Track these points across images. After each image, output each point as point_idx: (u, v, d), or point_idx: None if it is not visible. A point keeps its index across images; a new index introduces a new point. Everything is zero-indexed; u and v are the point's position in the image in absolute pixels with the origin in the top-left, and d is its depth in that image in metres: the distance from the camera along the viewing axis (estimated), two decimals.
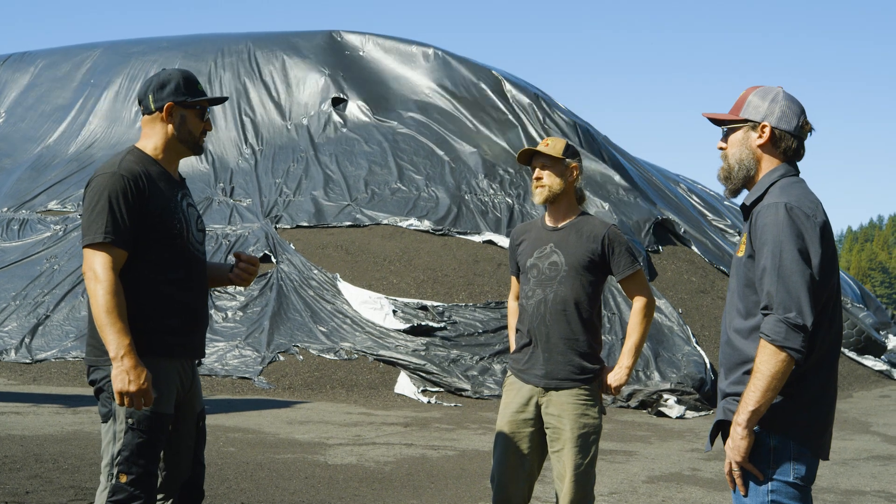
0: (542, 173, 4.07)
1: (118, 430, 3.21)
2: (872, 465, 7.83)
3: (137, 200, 3.24)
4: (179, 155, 3.49)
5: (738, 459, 2.78)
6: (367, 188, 15.41)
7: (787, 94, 3.00)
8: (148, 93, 3.42)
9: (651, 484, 6.81)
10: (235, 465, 6.84)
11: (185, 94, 3.40)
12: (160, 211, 3.30)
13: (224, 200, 15.51)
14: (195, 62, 18.30)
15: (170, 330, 3.32)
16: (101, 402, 3.29)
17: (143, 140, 3.45)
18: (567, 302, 3.96)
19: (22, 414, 8.78)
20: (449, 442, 8.34)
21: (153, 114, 3.41)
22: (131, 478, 3.18)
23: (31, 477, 6.09)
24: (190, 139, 3.44)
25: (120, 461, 3.18)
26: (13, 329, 12.69)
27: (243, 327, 12.22)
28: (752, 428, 2.75)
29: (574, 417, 3.90)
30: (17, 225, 15.73)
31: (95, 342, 3.28)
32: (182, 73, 3.45)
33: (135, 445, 3.19)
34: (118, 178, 3.24)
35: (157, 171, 3.38)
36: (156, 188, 3.32)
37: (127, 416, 3.19)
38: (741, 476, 2.81)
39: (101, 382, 3.26)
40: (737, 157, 3.00)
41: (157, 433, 3.24)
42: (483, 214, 14.77)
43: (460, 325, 12.08)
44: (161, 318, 3.30)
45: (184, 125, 3.41)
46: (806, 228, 2.76)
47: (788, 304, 2.70)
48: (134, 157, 3.36)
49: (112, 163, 3.32)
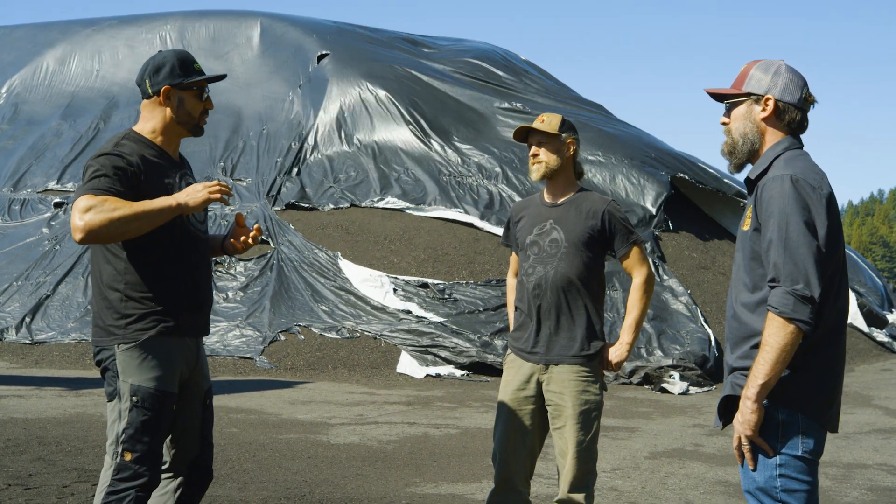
0: (539, 150, 4.05)
1: (123, 409, 3.23)
2: (874, 439, 7.84)
3: (131, 181, 3.24)
4: (179, 136, 3.49)
5: (749, 433, 2.76)
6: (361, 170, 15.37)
7: (788, 67, 2.97)
8: (144, 77, 3.42)
9: (653, 460, 6.82)
10: (238, 446, 6.86)
11: (181, 76, 3.38)
12: (157, 192, 3.29)
13: (224, 180, 15.47)
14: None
15: (174, 309, 3.33)
16: (106, 382, 3.32)
17: (142, 123, 3.44)
18: (567, 278, 3.94)
19: (24, 397, 8.80)
20: (451, 420, 8.35)
21: (151, 98, 3.41)
22: (136, 455, 3.21)
23: (34, 460, 6.10)
24: (189, 121, 3.43)
25: (125, 439, 3.21)
26: (14, 310, 12.71)
27: (244, 307, 12.23)
28: (762, 402, 2.73)
29: (575, 394, 3.89)
30: (18, 205, 15.72)
31: (101, 322, 3.31)
32: (177, 55, 3.43)
33: (139, 423, 3.21)
34: (112, 157, 3.24)
35: (153, 153, 3.37)
36: (151, 172, 3.32)
37: (131, 393, 3.22)
38: (750, 450, 2.80)
39: (107, 362, 3.29)
40: (741, 132, 2.98)
41: (161, 411, 3.27)
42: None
43: (461, 303, 12.08)
44: (165, 297, 3.31)
45: (182, 107, 3.41)
46: (812, 200, 2.74)
47: (796, 276, 2.69)
48: (131, 140, 3.35)
49: (107, 145, 3.32)
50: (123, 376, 3.24)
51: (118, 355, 3.25)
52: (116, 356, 3.25)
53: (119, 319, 3.26)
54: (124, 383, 3.23)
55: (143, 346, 3.26)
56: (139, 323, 3.26)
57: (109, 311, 3.28)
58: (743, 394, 2.76)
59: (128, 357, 3.25)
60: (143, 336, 3.26)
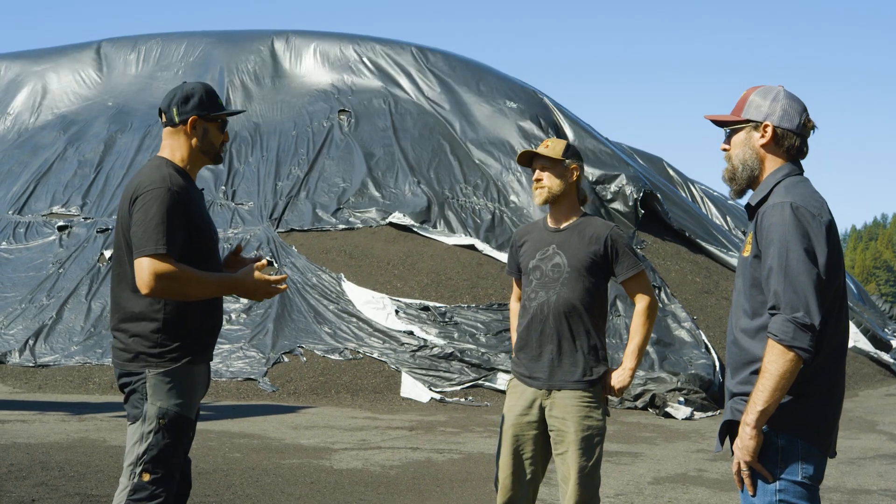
0: (542, 175, 4.09)
1: (146, 431, 3.29)
2: (878, 464, 7.81)
3: (185, 214, 3.35)
4: (201, 165, 3.61)
5: (748, 459, 2.77)
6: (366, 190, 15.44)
7: (787, 93, 2.99)
8: (172, 105, 3.50)
9: (657, 485, 6.80)
10: (241, 471, 6.84)
11: (207, 108, 3.50)
12: (201, 223, 3.43)
13: (226, 204, 15.53)
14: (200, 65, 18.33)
15: (204, 337, 3.47)
16: (131, 404, 3.37)
17: (170, 151, 3.52)
18: (570, 304, 3.96)
19: (28, 422, 8.79)
20: (454, 445, 8.33)
21: (177, 126, 3.50)
22: (154, 477, 3.27)
23: (37, 485, 6.09)
24: (211, 150, 3.56)
25: (146, 460, 3.27)
26: (18, 333, 12.72)
27: (247, 329, 12.24)
28: (761, 427, 2.75)
29: (578, 420, 3.89)
30: (23, 229, 15.76)
31: (124, 346, 3.37)
32: (204, 87, 3.56)
33: (163, 446, 3.29)
34: (172, 193, 3.32)
35: (188, 183, 3.47)
36: (196, 201, 3.45)
37: (159, 416, 3.29)
38: (750, 476, 2.80)
39: (136, 384, 3.35)
40: (740, 158, 3.00)
41: (183, 436, 3.36)
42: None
43: (462, 327, 12.07)
44: (197, 327, 3.43)
45: (206, 137, 3.53)
46: (812, 228, 2.76)
47: (796, 304, 2.70)
48: (174, 171, 3.44)
49: (161, 176, 3.37)
50: (153, 399, 3.30)
51: (149, 378, 3.31)
52: (147, 379, 3.31)
53: (153, 348, 3.34)
54: (153, 406, 3.29)
55: (174, 371, 3.34)
56: (174, 352, 3.35)
57: (142, 338, 3.34)
58: (742, 419, 2.77)
59: (159, 381, 3.31)
60: (176, 364, 3.34)
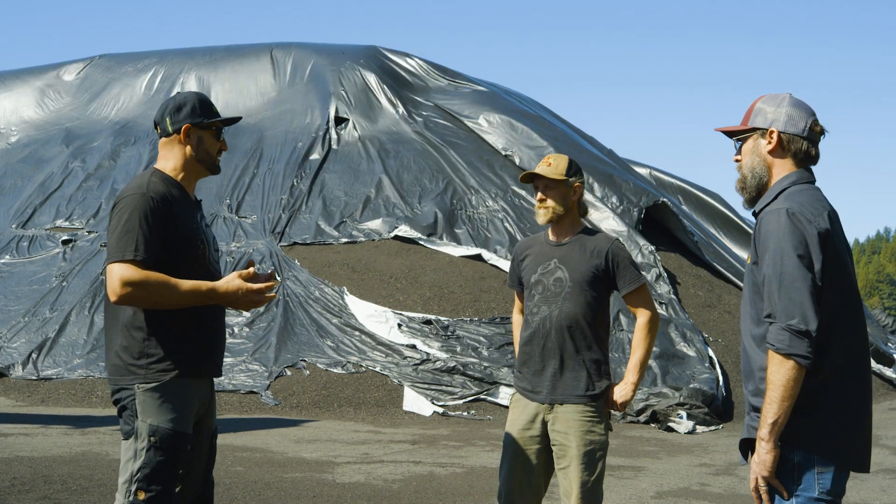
0: (546, 195, 4.05)
1: (139, 448, 3.24)
2: (882, 479, 7.79)
3: (164, 222, 3.29)
4: (198, 175, 3.56)
5: (765, 474, 2.76)
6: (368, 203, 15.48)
7: (794, 99, 2.99)
8: (165, 116, 3.48)
9: (660, 499, 6.79)
10: (243, 485, 6.84)
11: (201, 116, 3.47)
12: (186, 232, 3.36)
13: (230, 217, 15.56)
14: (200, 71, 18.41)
15: (194, 350, 3.37)
16: (123, 420, 3.33)
17: (162, 161, 3.50)
18: (572, 318, 3.96)
19: (30, 435, 8.80)
20: (457, 459, 8.32)
21: (171, 136, 3.48)
22: (149, 496, 3.21)
23: (39, 499, 6.10)
24: (207, 159, 3.52)
25: (140, 478, 3.21)
26: (21, 346, 12.73)
27: (250, 343, 12.24)
28: (776, 441, 2.73)
29: (580, 434, 3.90)
30: (27, 242, 15.79)
31: (121, 361, 3.32)
32: (197, 96, 3.52)
33: (156, 463, 3.22)
34: (147, 199, 3.28)
35: (179, 192, 3.43)
36: (181, 210, 3.38)
37: (150, 433, 3.23)
38: (767, 491, 2.79)
39: (126, 401, 3.30)
40: (749, 166, 3.01)
41: (177, 452, 3.28)
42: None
43: (465, 340, 12.08)
44: (187, 339, 3.35)
45: (201, 146, 3.48)
46: (808, 234, 2.75)
47: (791, 311, 2.70)
48: (158, 179, 3.40)
49: (139, 184, 3.35)
50: (143, 416, 3.25)
51: (138, 395, 3.26)
52: (136, 396, 3.26)
53: (140, 359, 3.28)
54: (143, 423, 3.24)
55: (163, 387, 3.27)
56: (161, 364, 3.28)
57: (130, 350, 3.29)
58: (757, 435, 2.77)
59: (148, 397, 3.26)
60: (164, 377, 3.28)
